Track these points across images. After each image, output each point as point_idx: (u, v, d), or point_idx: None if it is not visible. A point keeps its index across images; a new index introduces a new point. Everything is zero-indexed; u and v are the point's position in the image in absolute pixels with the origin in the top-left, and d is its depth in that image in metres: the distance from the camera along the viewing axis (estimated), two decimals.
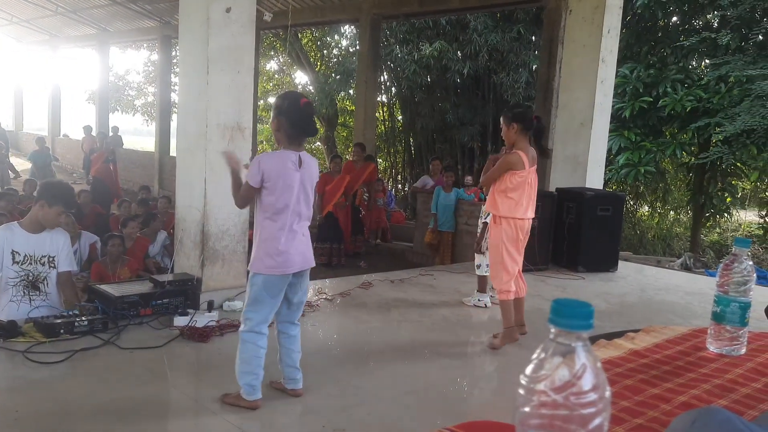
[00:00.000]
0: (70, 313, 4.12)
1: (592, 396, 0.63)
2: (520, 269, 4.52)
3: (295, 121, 3.16)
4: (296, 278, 3.24)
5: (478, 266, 5.63)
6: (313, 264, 3.33)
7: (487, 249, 5.53)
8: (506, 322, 4.35)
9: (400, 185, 18.33)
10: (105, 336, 4.05)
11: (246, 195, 3.21)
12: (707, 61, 12.37)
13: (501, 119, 4.42)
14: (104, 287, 4.68)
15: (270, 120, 3.33)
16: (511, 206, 4.30)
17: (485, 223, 5.57)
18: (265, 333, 3.19)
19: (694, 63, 12.72)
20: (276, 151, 3.24)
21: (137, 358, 3.82)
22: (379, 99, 15.89)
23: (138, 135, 33.50)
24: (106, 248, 6.78)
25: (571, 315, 0.64)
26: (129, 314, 4.37)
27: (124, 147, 19.40)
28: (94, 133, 17.65)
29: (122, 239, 6.87)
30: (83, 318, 4.08)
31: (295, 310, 3.33)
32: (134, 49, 25.32)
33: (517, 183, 4.28)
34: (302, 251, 3.22)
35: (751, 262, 1.62)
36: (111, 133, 18.39)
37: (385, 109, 18.23)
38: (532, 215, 4.43)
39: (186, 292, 4.72)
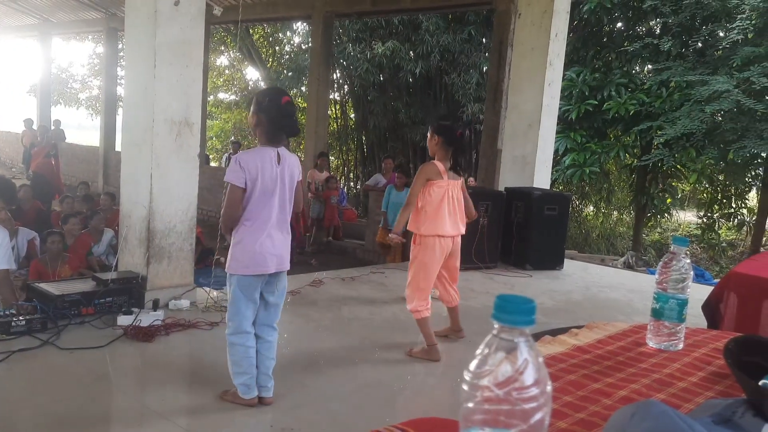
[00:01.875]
0: (7, 312, 3.97)
1: (534, 391, 0.64)
2: (451, 280, 4.42)
3: (274, 120, 3.10)
4: (272, 278, 3.19)
5: None
6: (288, 266, 3.26)
7: None
8: (427, 339, 4.21)
9: (352, 183, 18.31)
10: (44, 336, 3.92)
11: (234, 199, 3.04)
12: (650, 66, 12.76)
13: (429, 130, 4.38)
14: (43, 286, 4.53)
15: (249, 115, 3.26)
16: (432, 223, 4.12)
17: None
18: (250, 331, 3.15)
19: (637, 68, 13.10)
20: (254, 149, 3.18)
21: (78, 358, 3.71)
22: (331, 97, 15.83)
23: (82, 129, 32.50)
24: (45, 245, 6.55)
25: (514, 311, 0.64)
26: (70, 313, 4.24)
27: (67, 141, 18.78)
28: (35, 127, 17.04)
29: (62, 236, 6.65)
30: (20, 318, 3.94)
31: (273, 312, 3.27)
32: (78, 41, 24.51)
33: (437, 194, 4.12)
34: (279, 252, 3.16)
35: (688, 261, 1.67)
36: (53, 127, 17.80)
37: (337, 106, 18.18)
38: (461, 231, 4.27)
39: (130, 291, 4.61)
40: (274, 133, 3.14)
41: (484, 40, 14.02)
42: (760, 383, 1.13)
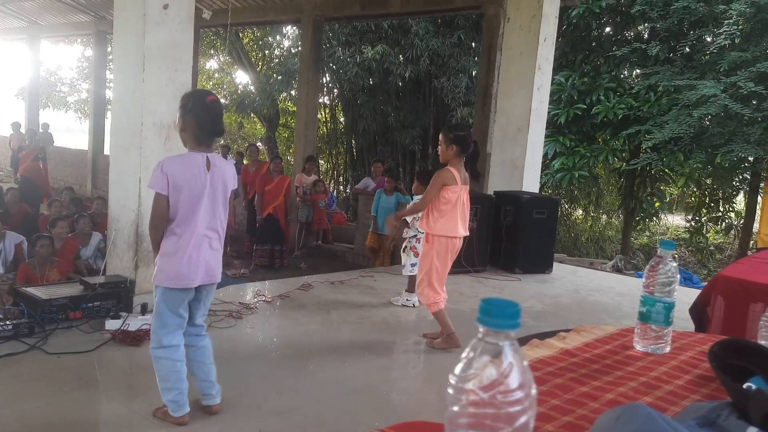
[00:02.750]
0: None
1: (519, 394, 0.64)
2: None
3: (202, 120, 2.93)
4: (200, 292, 3.04)
5: (404, 266, 5.73)
6: (219, 279, 3.09)
7: (408, 248, 5.63)
8: (446, 328, 4.43)
9: (341, 187, 18.30)
10: (31, 341, 3.89)
11: (160, 207, 2.89)
12: (638, 70, 12.84)
13: (441, 136, 4.49)
14: (31, 290, 4.49)
15: (176, 121, 3.09)
16: (445, 224, 4.34)
17: (405, 221, 5.65)
18: (176, 344, 2.97)
19: (625, 72, 13.18)
20: (180, 154, 3.04)
21: (65, 363, 3.68)
22: (321, 100, 15.82)
23: (71, 133, 32.29)
24: (33, 249, 6.51)
25: (499, 314, 0.65)
26: (57, 318, 4.21)
27: (55, 145, 18.66)
28: (23, 130, 16.92)
29: (51, 240, 6.61)
30: (7, 322, 3.91)
31: (199, 325, 3.13)
32: (67, 44, 24.37)
33: (451, 199, 4.34)
34: (207, 263, 2.98)
35: (675, 264, 1.69)
36: (41, 130, 17.68)
37: (327, 110, 18.17)
38: (465, 233, 4.49)
39: (119, 295, 4.58)
40: (203, 136, 2.96)
41: (473, 44, 14.07)
42: (744, 386, 1.14)
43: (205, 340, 3.15)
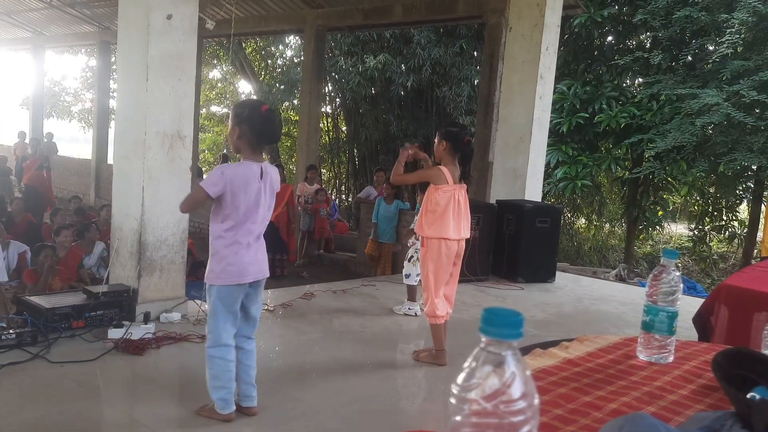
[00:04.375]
0: None
1: (521, 404, 0.64)
2: (448, 293, 4.35)
3: (257, 128, 3.08)
4: (252, 288, 3.19)
5: (407, 276, 5.69)
6: (268, 274, 3.27)
7: (415, 258, 5.61)
8: (437, 344, 4.28)
9: (344, 196, 18.32)
10: (34, 350, 3.90)
11: (197, 202, 3.16)
12: (640, 79, 12.86)
13: (436, 134, 4.41)
14: (34, 298, 4.50)
15: (229, 129, 3.24)
16: (439, 226, 4.15)
17: (412, 230, 5.63)
18: (231, 344, 3.13)
19: (627, 81, 13.20)
20: (239, 163, 3.15)
21: (68, 372, 3.68)
22: (323, 110, 15.87)
23: (75, 142, 32.41)
24: (37, 259, 6.52)
25: (501, 324, 0.65)
26: (60, 327, 4.21)
27: (59, 154, 18.72)
28: (27, 140, 16.98)
29: (54, 250, 6.62)
30: (11, 331, 3.91)
31: (252, 323, 3.27)
32: (71, 54, 24.51)
33: (443, 199, 4.15)
34: (258, 261, 3.16)
35: (678, 273, 1.68)
36: (45, 140, 17.74)
37: (329, 119, 18.22)
38: (465, 235, 4.28)
39: (121, 304, 4.59)
40: (257, 144, 3.14)
41: (475, 53, 14.11)
42: (748, 396, 1.13)
43: (252, 344, 3.30)
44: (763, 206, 12.38)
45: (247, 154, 3.13)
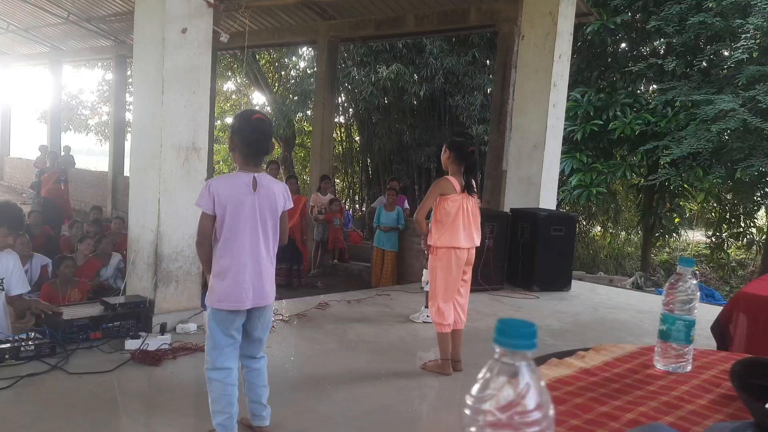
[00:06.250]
0: (17, 337, 3.99)
1: (536, 415, 0.64)
2: (462, 301, 4.35)
3: (247, 138, 2.95)
4: (253, 313, 3.02)
5: (427, 282, 5.68)
6: (271, 300, 3.08)
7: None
8: (442, 353, 4.27)
9: (357, 205, 18.35)
10: (52, 361, 3.93)
11: (204, 225, 2.94)
12: (654, 86, 12.80)
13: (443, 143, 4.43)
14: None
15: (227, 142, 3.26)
16: (449, 235, 4.17)
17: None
18: (230, 367, 2.98)
19: (642, 88, 13.14)
20: (227, 174, 3.11)
21: (86, 383, 3.71)
22: (336, 120, 15.93)
23: (91, 155, 32.77)
24: (57, 270, 6.59)
25: (515, 335, 0.65)
26: (78, 338, 4.25)
27: (76, 167, 18.93)
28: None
29: (74, 261, 6.69)
30: (30, 342, 3.95)
31: (257, 345, 3.13)
32: (88, 68, 24.82)
33: (452, 208, 4.17)
34: (258, 286, 2.97)
35: (695, 281, 1.67)
36: (62, 153, 17.95)
37: (342, 130, 18.29)
38: (475, 244, 4.29)
39: (138, 315, 4.62)
40: (249, 154, 2.98)
41: (488, 62, 14.12)
42: (767, 406, 1.12)
43: (260, 362, 3.15)
44: None
45: (240, 165, 3.01)
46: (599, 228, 16.30)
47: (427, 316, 5.59)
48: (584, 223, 15.34)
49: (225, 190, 2.92)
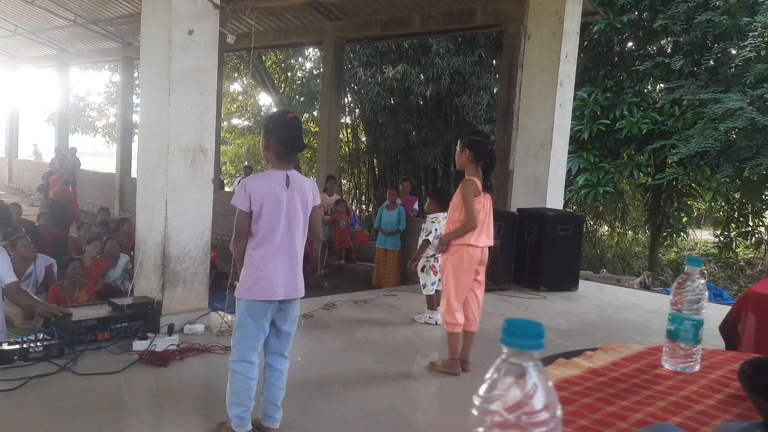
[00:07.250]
0: (25, 338, 4.01)
1: (544, 415, 0.64)
2: (477, 303, 4.30)
3: (282, 137, 3.07)
4: (283, 305, 3.10)
5: (423, 286, 5.69)
6: (301, 293, 3.15)
7: (428, 268, 5.59)
8: (451, 353, 4.23)
9: (364, 206, 18.35)
10: (61, 362, 3.95)
11: (241, 222, 3.03)
12: (661, 85, 12.75)
13: (458, 142, 4.34)
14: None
15: (260, 142, 3.26)
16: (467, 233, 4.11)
17: (426, 241, 5.60)
18: (255, 362, 3.05)
19: (649, 87, 13.09)
20: (261, 173, 3.17)
21: (94, 384, 3.73)
22: (342, 120, 15.93)
23: (99, 156, 32.95)
24: (64, 272, 6.61)
25: (523, 335, 0.65)
26: (86, 339, 4.27)
27: (83, 168, 19.02)
28: (52, 155, 17.27)
29: (81, 263, 6.71)
30: (38, 344, 3.97)
31: (285, 340, 3.18)
32: (95, 70, 24.93)
33: (475, 210, 4.11)
34: (290, 278, 3.07)
35: (703, 281, 1.66)
36: (68, 154, 18.04)
37: (349, 130, 18.30)
38: (489, 243, 4.26)
39: (146, 316, 4.63)
40: (283, 152, 3.10)
41: (494, 61, 14.10)
42: None
43: (285, 364, 3.21)
44: None
45: (273, 164, 3.12)
46: (606, 227, 16.25)
47: (429, 317, 5.60)
48: (591, 222, 15.29)
49: (260, 187, 3.02)
